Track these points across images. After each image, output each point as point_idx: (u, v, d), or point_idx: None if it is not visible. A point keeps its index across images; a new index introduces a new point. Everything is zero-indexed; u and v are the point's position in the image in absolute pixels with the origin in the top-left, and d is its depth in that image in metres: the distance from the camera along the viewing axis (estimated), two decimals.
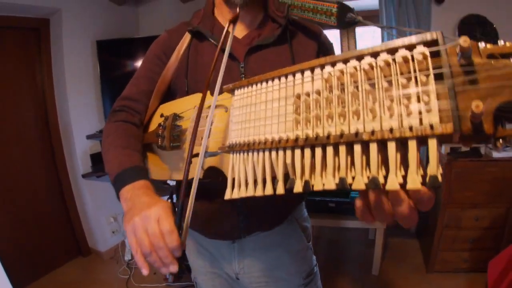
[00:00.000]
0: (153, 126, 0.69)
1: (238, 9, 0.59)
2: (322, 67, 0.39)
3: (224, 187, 0.51)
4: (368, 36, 2.51)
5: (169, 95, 0.72)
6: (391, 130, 0.33)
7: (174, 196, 0.65)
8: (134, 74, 0.72)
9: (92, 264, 2.20)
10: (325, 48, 0.73)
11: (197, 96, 0.62)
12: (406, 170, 0.33)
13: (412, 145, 0.32)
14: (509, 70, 0.31)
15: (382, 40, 2.17)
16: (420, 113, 0.32)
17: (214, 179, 0.53)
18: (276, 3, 0.70)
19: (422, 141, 0.33)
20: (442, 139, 0.32)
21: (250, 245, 0.72)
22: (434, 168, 0.31)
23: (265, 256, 0.73)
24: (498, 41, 0.33)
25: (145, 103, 0.70)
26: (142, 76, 0.71)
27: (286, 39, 0.68)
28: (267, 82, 0.44)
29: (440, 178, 0.32)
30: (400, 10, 2.08)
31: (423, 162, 0.34)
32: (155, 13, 2.49)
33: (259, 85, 0.45)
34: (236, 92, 0.48)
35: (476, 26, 2.04)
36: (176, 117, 0.59)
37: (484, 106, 0.30)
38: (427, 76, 0.33)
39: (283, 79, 0.42)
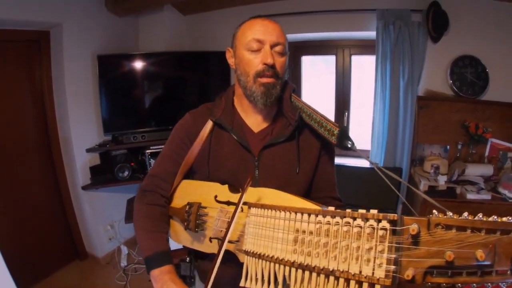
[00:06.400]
0: (176, 199, 0.84)
1: (245, 188, 0.65)
2: (316, 215, 0.57)
3: (235, 259, 0.69)
4: (365, 60, 2.55)
5: (190, 171, 0.85)
6: (354, 274, 0.51)
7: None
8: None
9: (90, 269, 2.29)
10: (327, 148, 0.82)
11: (216, 186, 0.77)
12: None
13: (365, 285, 0.51)
14: (441, 242, 0.47)
15: (376, 71, 2.19)
16: (373, 268, 0.50)
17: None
18: (289, 104, 0.79)
19: (372, 285, 0.51)
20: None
21: None
22: None
23: None
24: (447, 213, 0.50)
25: (171, 183, 0.82)
26: (168, 156, 0.83)
27: (295, 136, 0.78)
28: (275, 210, 0.62)
29: None
30: (396, 45, 2.09)
31: None
32: (156, 25, 2.44)
33: (270, 211, 0.62)
34: (252, 209, 0.66)
35: (469, 67, 2.11)
36: (200, 207, 0.76)
37: (414, 271, 0.49)
38: (384, 245, 0.50)
39: (287, 214, 0.60)
